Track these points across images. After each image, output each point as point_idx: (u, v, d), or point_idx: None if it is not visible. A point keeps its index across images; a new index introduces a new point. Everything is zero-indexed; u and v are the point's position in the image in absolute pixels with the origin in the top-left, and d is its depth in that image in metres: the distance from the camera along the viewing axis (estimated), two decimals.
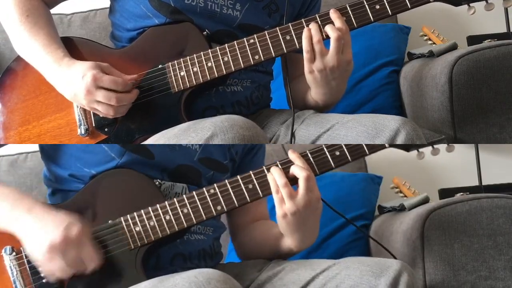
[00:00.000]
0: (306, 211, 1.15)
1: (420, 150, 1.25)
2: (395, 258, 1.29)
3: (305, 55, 1.26)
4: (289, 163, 1.18)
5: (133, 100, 1.25)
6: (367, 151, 1.20)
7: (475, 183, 2.01)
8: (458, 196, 1.64)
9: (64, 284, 1.12)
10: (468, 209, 1.38)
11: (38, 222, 1.09)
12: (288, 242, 1.22)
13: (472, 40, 1.99)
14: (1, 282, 1.12)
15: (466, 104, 1.64)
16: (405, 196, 1.83)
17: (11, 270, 1.12)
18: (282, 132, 1.38)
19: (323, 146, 1.20)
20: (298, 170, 1.15)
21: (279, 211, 1.16)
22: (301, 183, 1.14)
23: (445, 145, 1.27)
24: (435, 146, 1.24)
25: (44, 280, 1.12)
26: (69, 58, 1.25)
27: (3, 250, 1.13)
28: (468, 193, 1.77)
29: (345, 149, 1.19)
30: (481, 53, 1.62)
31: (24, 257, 1.12)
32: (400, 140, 1.21)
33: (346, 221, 1.74)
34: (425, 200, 1.64)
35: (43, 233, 1.07)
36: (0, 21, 1.32)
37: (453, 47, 1.79)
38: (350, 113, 1.87)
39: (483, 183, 2.00)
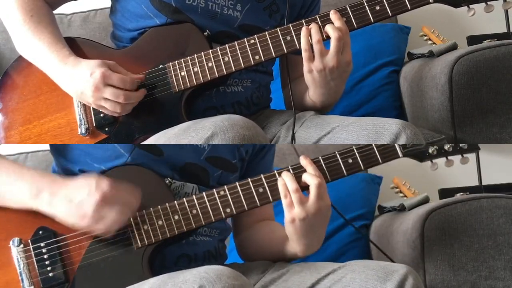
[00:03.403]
0: (315, 218, 1.14)
1: (434, 161, 1.23)
2: (392, 261, 1.29)
3: (304, 54, 1.26)
4: (301, 168, 1.17)
5: (140, 99, 1.25)
6: (380, 160, 1.19)
7: (475, 183, 2.00)
8: (458, 196, 1.64)
9: (70, 280, 1.13)
10: (468, 209, 1.38)
11: (71, 193, 1.09)
12: (294, 247, 1.22)
13: (472, 40, 2.00)
14: (7, 273, 1.12)
15: (466, 104, 1.64)
16: (405, 196, 1.83)
17: (18, 262, 1.12)
18: (283, 133, 1.37)
19: (336, 152, 1.19)
20: (310, 177, 1.15)
21: (287, 216, 1.15)
22: (312, 190, 1.14)
23: (459, 157, 1.24)
24: (449, 157, 1.22)
25: (50, 274, 1.12)
26: (75, 57, 1.25)
27: (11, 242, 1.13)
28: (468, 193, 1.77)
29: (358, 157, 1.18)
30: (481, 53, 1.62)
31: (32, 249, 1.13)
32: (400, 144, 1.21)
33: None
34: (425, 200, 1.64)
35: (85, 196, 1.08)
36: (3, 21, 1.32)
37: (453, 47, 1.79)
38: (350, 113, 1.89)
39: (483, 183, 1.99)
